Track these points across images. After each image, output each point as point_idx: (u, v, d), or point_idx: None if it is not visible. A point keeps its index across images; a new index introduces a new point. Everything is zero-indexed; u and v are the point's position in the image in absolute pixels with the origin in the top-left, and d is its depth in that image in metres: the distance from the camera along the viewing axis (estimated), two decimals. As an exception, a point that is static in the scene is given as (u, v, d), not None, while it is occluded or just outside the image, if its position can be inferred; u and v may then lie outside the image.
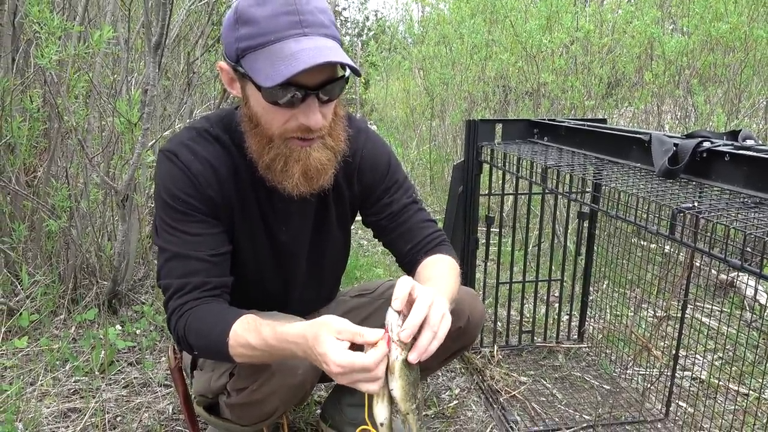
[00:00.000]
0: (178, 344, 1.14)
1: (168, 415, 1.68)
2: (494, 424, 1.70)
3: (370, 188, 1.28)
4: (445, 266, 1.20)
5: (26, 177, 2.40)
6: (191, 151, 1.12)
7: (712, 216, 0.96)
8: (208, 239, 1.12)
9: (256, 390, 1.13)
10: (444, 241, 1.30)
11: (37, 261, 2.31)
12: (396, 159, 1.32)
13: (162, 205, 1.11)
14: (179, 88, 3.02)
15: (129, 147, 2.11)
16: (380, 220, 1.30)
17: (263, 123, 1.04)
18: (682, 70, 3.04)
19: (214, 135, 1.15)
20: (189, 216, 1.10)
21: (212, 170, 1.13)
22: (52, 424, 1.62)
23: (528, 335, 2.17)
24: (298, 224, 1.25)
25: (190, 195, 1.10)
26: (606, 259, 2.06)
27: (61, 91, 2.04)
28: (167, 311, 1.11)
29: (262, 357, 1.03)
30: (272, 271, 1.27)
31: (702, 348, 2.05)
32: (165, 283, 1.11)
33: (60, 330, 2.12)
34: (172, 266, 1.10)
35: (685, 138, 1.27)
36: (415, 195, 1.33)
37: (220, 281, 1.12)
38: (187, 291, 1.09)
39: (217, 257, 1.12)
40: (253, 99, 1.03)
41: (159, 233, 1.12)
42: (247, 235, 1.21)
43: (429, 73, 4.31)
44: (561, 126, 1.79)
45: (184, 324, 1.08)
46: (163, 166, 1.12)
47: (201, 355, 1.15)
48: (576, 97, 3.08)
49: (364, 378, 0.86)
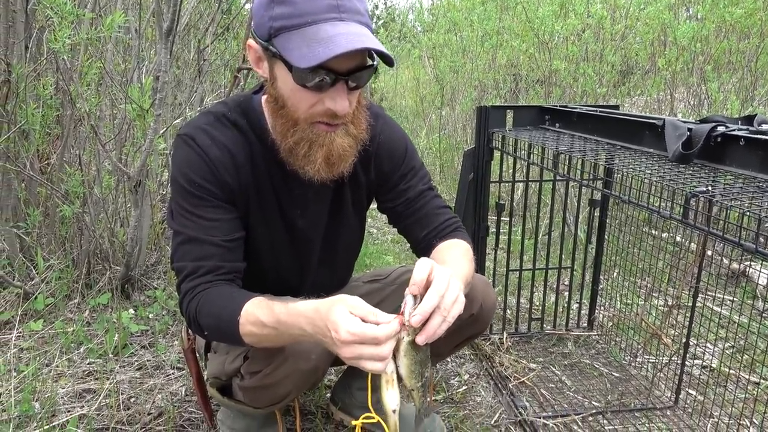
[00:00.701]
0: (189, 326, 1.14)
1: (181, 397, 1.70)
2: (503, 409, 1.71)
3: (386, 175, 1.28)
4: (459, 251, 1.20)
5: (40, 163, 2.42)
6: (209, 136, 1.12)
7: (726, 200, 0.96)
8: (223, 224, 1.12)
9: (269, 374, 1.15)
10: (459, 227, 1.30)
11: (52, 246, 2.34)
12: (412, 145, 1.32)
13: (178, 189, 1.12)
14: (190, 76, 3.04)
15: (141, 133, 2.13)
16: (396, 206, 1.30)
17: (289, 105, 1.03)
18: (696, 56, 3.00)
19: (232, 120, 1.15)
20: (205, 201, 1.11)
21: (230, 156, 1.13)
22: (68, 403, 1.65)
23: (537, 323, 2.17)
24: (315, 210, 1.25)
25: (206, 180, 1.11)
26: (617, 247, 2.05)
27: (73, 77, 2.05)
28: (180, 293, 1.12)
29: (270, 336, 1.03)
30: (288, 256, 1.28)
31: (713, 336, 2.04)
32: (179, 266, 1.12)
33: (74, 314, 2.15)
34: (186, 249, 1.11)
35: (700, 123, 1.26)
36: (431, 182, 1.33)
37: (234, 266, 1.13)
38: (200, 274, 1.10)
39: (231, 242, 1.13)
40: (281, 80, 1.03)
41: (174, 217, 1.13)
42: (263, 221, 1.22)
43: (439, 61, 4.28)
44: (573, 112, 1.78)
45: (196, 305, 1.08)
46: (181, 150, 1.13)
47: (211, 335, 1.15)
48: (588, 84, 3.06)
49: (370, 353, 0.86)
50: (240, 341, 1.06)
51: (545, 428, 1.61)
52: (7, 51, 2.05)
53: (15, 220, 2.26)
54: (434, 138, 4.94)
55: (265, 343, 1.06)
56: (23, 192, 2.28)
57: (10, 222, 2.22)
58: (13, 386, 1.66)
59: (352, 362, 0.88)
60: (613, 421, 1.65)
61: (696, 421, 1.64)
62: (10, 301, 2.13)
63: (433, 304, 0.88)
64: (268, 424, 1.43)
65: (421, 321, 0.88)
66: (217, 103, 1.21)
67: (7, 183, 2.18)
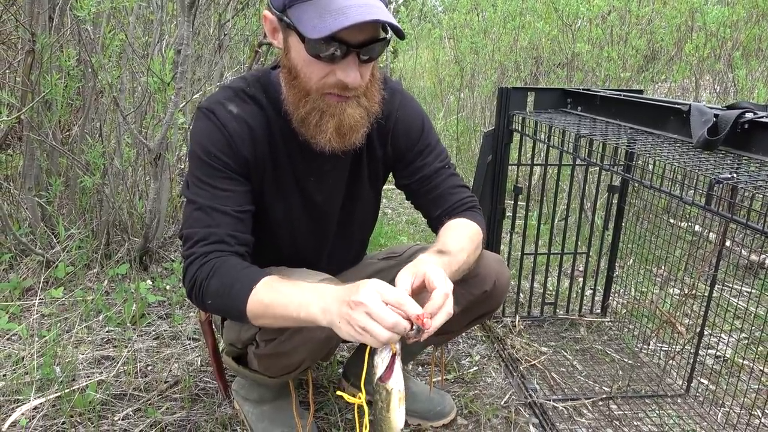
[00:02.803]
0: (190, 292, 1.11)
1: (196, 367, 1.74)
2: (513, 391, 1.72)
3: (402, 151, 1.28)
4: (463, 231, 1.21)
5: (62, 134, 2.45)
6: (228, 110, 1.13)
7: (751, 187, 0.94)
8: (236, 196, 1.13)
9: (284, 341, 1.16)
10: (473, 206, 1.30)
11: (72, 216, 2.38)
12: (429, 122, 1.31)
13: (195, 159, 1.13)
14: (210, 51, 3.03)
15: (161, 106, 2.14)
16: (411, 183, 1.30)
17: (302, 76, 1.04)
18: (724, 42, 2.92)
19: (251, 95, 1.16)
20: (220, 172, 1.12)
21: (248, 129, 1.14)
22: (87, 369, 1.69)
23: (550, 307, 2.17)
24: (332, 183, 1.26)
25: (224, 153, 1.12)
26: (634, 234, 2.04)
27: (96, 49, 2.06)
28: (187, 258, 1.11)
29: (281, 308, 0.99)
30: (305, 229, 1.29)
31: (728, 326, 2.02)
32: (189, 232, 1.12)
33: (93, 283, 2.19)
34: (197, 216, 1.12)
35: (727, 109, 1.24)
36: (448, 159, 1.33)
37: (244, 238, 1.14)
38: (212, 241, 1.10)
39: (242, 213, 1.13)
40: (294, 50, 1.03)
41: (189, 186, 1.14)
42: (280, 195, 1.23)
43: (460, 42, 4.23)
44: (596, 95, 1.75)
45: (208, 271, 1.07)
46: (200, 122, 1.14)
47: (214, 305, 1.09)
48: (611, 68, 3.00)
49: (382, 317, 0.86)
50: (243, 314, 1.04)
51: (555, 411, 1.62)
52: (32, 21, 2.07)
53: (37, 189, 2.30)
54: (452, 120, 4.91)
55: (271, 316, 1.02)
56: (45, 162, 2.32)
57: (33, 191, 2.26)
58: (35, 350, 1.71)
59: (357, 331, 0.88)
60: (623, 406, 1.65)
61: (707, 410, 1.64)
62: (32, 268, 2.17)
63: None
64: (281, 395, 1.46)
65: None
66: (237, 78, 1.21)
67: (30, 152, 2.22)
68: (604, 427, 1.56)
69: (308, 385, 1.43)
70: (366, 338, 0.88)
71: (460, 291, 1.29)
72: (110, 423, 1.48)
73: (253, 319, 1.05)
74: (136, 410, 1.54)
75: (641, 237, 2.01)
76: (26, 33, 2.06)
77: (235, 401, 1.53)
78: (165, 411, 1.54)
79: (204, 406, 1.57)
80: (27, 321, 1.89)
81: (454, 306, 1.27)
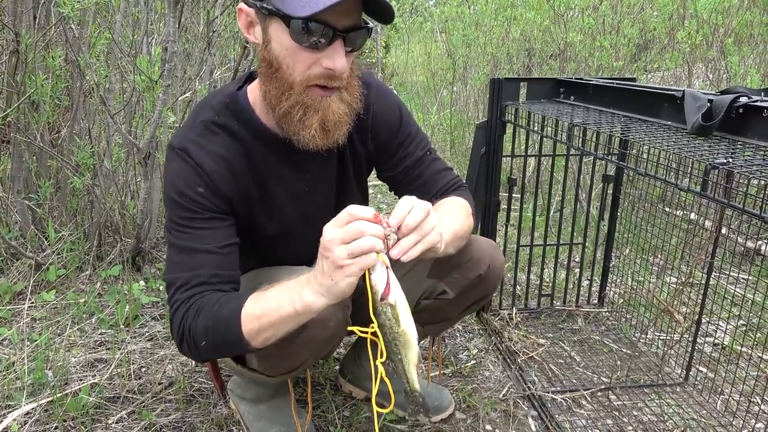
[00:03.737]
0: (180, 342, 1.06)
1: (191, 368, 1.72)
2: (511, 383, 1.71)
3: (384, 144, 1.27)
4: (453, 205, 1.20)
5: (50, 136, 2.42)
6: (201, 147, 1.09)
7: (747, 172, 0.93)
8: (218, 232, 1.09)
9: (287, 341, 1.13)
10: (460, 186, 1.30)
11: (63, 218, 2.35)
12: (406, 110, 1.30)
13: (169, 202, 1.08)
14: (199, 49, 3.00)
15: (150, 105, 2.11)
16: (396, 174, 1.29)
17: (284, 67, 1.00)
18: (716, 29, 2.91)
19: (221, 124, 1.11)
20: (198, 213, 1.07)
21: (225, 164, 1.10)
22: (80, 372, 1.67)
23: (547, 299, 2.16)
24: (324, 187, 1.24)
25: (199, 193, 1.07)
26: (629, 224, 2.02)
27: (82, 48, 2.03)
28: (172, 305, 1.06)
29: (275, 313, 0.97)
30: (302, 237, 1.27)
31: (726, 314, 2.02)
32: (171, 278, 1.07)
33: (86, 285, 2.17)
34: (179, 260, 1.07)
35: (721, 94, 1.22)
36: (428, 144, 1.32)
37: (229, 275, 1.09)
38: (193, 284, 1.05)
39: (225, 248, 1.09)
40: (275, 40, 1.00)
41: (169, 229, 1.10)
42: (275, 213, 1.20)
43: (451, 35, 4.21)
44: (589, 84, 1.73)
45: (194, 312, 1.02)
46: (174, 163, 1.09)
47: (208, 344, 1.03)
48: (604, 58, 2.99)
49: (356, 232, 0.87)
50: (240, 338, 0.99)
51: (553, 403, 1.61)
52: (16, 20, 2.04)
53: (26, 192, 2.27)
54: (445, 114, 4.89)
55: (269, 326, 0.98)
56: (34, 164, 2.29)
57: (22, 194, 2.23)
58: (26, 355, 1.69)
59: (348, 267, 0.87)
60: (622, 396, 1.64)
61: (706, 398, 1.63)
62: (23, 272, 2.15)
63: (415, 220, 0.91)
64: (278, 393, 1.44)
65: (398, 224, 0.90)
66: (203, 105, 1.15)
67: (18, 155, 2.19)
68: (604, 417, 1.55)
69: (306, 384, 1.42)
70: (359, 262, 0.87)
71: (455, 276, 1.28)
72: (104, 426, 1.47)
73: (252, 339, 1.00)
74: (130, 413, 1.52)
75: (637, 226, 1.99)
76: (10, 33, 2.02)
77: (231, 401, 1.52)
78: (160, 413, 1.52)
79: (199, 407, 1.55)
80: (17, 325, 1.86)
81: (449, 291, 1.26)
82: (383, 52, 8.27)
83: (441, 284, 1.31)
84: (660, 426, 1.52)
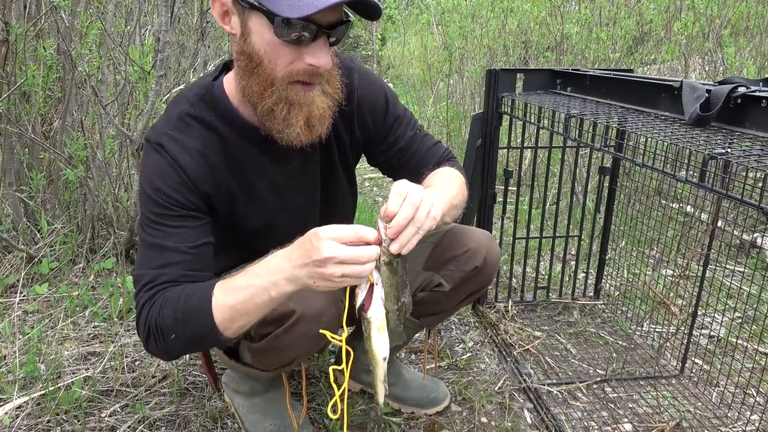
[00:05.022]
0: (147, 341, 1.02)
1: (185, 361, 1.70)
2: (507, 376, 1.71)
3: (372, 131, 1.26)
4: (447, 175, 1.21)
5: (42, 128, 2.39)
6: (176, 141, 1.06)
7: (745, 161, 0.92)
8: (189, 232, 1.06)
9: (280, 335, 1.12)
10: (449, 157, 1.31)
11: (56, 211, 2.33)
12: (392, 92, 1.28)
13: (144, 197, 1.06)
14: (193, 40, 2.97)
15: (143, 96, 2.09)
16: (390, 158, 1.29)
17: (266, 62, 0.97)
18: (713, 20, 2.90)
19: (197, 116, 1.08)
20: (171, 210, 1.05)
21: (201, 158, 1.07)
22: (73, 365, 1.66)
23: (543, 291, 2.15)
24: (308, 180, 1.23)
25: (175, 190, 1.04)
26: (625, 216, 2.02)
27: (73, 39, 2.01)
28: (137, 303, 1.03)
29: (249, 300, 0.95)
30: (287, 231, 1.25)
31: (722, 306, 2.02)
32: (138, 273, 1.04)
33: (79, 278, 2.15)
34: (148, 257, 1.04)
35: (719, 84, 1.21)
36: (416, 123, 1.32)
37: (197, 276, 1.06)
38: (159, 283, 1.02)
39: (197, 248, 1.06)
40: (256, 34, 0.96)
41: (142, 225, 1.08)
42: (258, 206, 1.18)
43: (448, 27, 4.18)
44: (585, 75, 1.72)
45: (158, 307, 0.99)
46: (149, 157, 1.06)
47: (178, 338, 1.00)
48: (601, 50, 2.97)
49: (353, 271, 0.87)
50: (211, 323, 0.96)
51: (549, 395, 1.61)
52: (5, 10, 2.01)
53: (18, 184, 2.25)
54: (441, 107, 4.87)
55: (243, 314, 0.96)
56: (26, 156, 2.26)
57: (14, 186, 2.21)
58: (17, 348, 1.67)
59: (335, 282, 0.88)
60: (617, 388, 1.64)
61: (701, 390, 1.63)
62: (15, 265, 2.13)
63: (407, 216, 0.90)
64: (273, 387, 1.43)
65: (396, 233, 0.90)
66: (179, 98, 1.12)
67: (9, 146, 2.16)
68: (599, 410, 1.55)
69: (301, 377, 1.41)
70: (347, 282, 0.89)
71: (451, 268, 1.28)
72: (97, 420, 1.45)
73: (226, 329, 0.97)
74: (123, 406, 1.51)
75: (633, 219, 1.99)
76: None
77: (225, 394, 1.51)
78: (153, 406, 1.51)
79: (193, 400, 1.54)
80: (9, 318, 1.85)
81: (445, 284, 1.25)
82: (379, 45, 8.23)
83: (437, 276, 1.30)
84: (655, 418, 1.52)
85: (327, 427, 1.45)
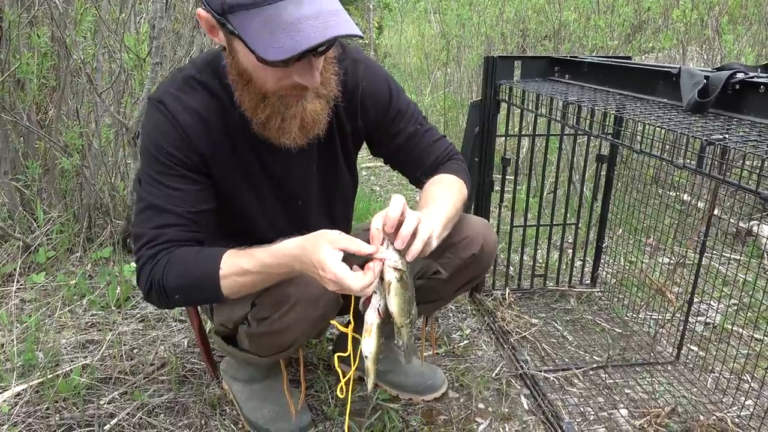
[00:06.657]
0: (148, 294, 1.08)
1: (183, 348, 1.71)
2: (504, 363, 1.72)
3: (374, 122, 1.26)
4: (442, 186, 1.21)
5: (38, 117, 2.38)
6: (178, 100, 1.07)
7: (743, 147, 0.92)
8: (189, 195, 1.08)
9: (277, 320, 1.13)
10: (453, 156, 1.30)
11: (52, 199, 2.32)
12: (397, 85, 1.28)
13: (146, 155, 1.08)
14: (189, 29, 2.95)
15: (139, 84, 2.07)
16: (390, 151, 1.30)
17: (255, 79, 0.99)
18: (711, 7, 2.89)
19: (202, 81, 1.10)
20: (172, 169, 1.07)
21: (200, 120, 1.08)
22: (71, 354, 1.66)
23: (540, 279, 2.16)
24: (302, 168, 1.22)
25: (177, 148, 1.06)
26: (623, 205, 2.02)
27: (68, 25, 1.99)
28: (138, 260, 1.07)
29: (255, 282, 1.03)
30: (283, 217, 1.26)
31: (717, 294, 2.03)
32: (138, 231, 1.08)
33: (76, 267, 2.15)
34: (147, 216, 1.07)
35: (717, 71, 1.21)
36: (421, 118, 1.31)
37: (195, 236, 1.09)
38: (160, 242, 1.06)
39: (195, 214, 1.09)
40: (242, 55, 0.97)
41: (141, 183, 1.09)
42: (249, 184, 1.19)
43: (445, 14, 4.16)
44: (583, 62, 1.71)
45: (162, 269, 1.04)
46: (151, 115, 1.09)
47: (182, 298, 1.09)
48: (598, 38, 2.96)
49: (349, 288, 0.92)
50: (218, 294, 1.04)
51: (546, 382, 1.62)
52: (-2, -3, 1.98)
53: (14, 173, 2.23)
54: (439, 95, 4.85)
55: (247, 291, 1.06)
56: (21, 145, 2.25)
57: (9, 175, 2.20)
58: (15, 336, 1.67)
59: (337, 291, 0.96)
60: (614, 375, 1.65)
61: (697, 376, 1.64)
62: (12, 253, 2.12)
63: (411, 228, 0.94)
64: (271, 374, 1.44)
65: (403, 244, 0.94)
66: (188, 63, 1.15)
67: (4, 135, 2.15)
68: (595, 396, 1.56)
69: (299, 364, 1.41)
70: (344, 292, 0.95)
71: (448, 256, 1.28)
72: (96, 407, 1.46)
73: (229, 294, 1.04)
74: (122, 393, 1.51)
75: (630, 207, 1.99)
76: (-7, 9, 1.97)
77: (223, 381, 1.51)
78: (152, 393, 1.52)
79: (192, 388, 1.55)
80: (6, 307, 1.84)
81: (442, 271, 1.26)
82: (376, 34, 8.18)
83: (434, 264, 1.30)
84: (651, 403, 1.53)
85: (325, 414, 1.46)
